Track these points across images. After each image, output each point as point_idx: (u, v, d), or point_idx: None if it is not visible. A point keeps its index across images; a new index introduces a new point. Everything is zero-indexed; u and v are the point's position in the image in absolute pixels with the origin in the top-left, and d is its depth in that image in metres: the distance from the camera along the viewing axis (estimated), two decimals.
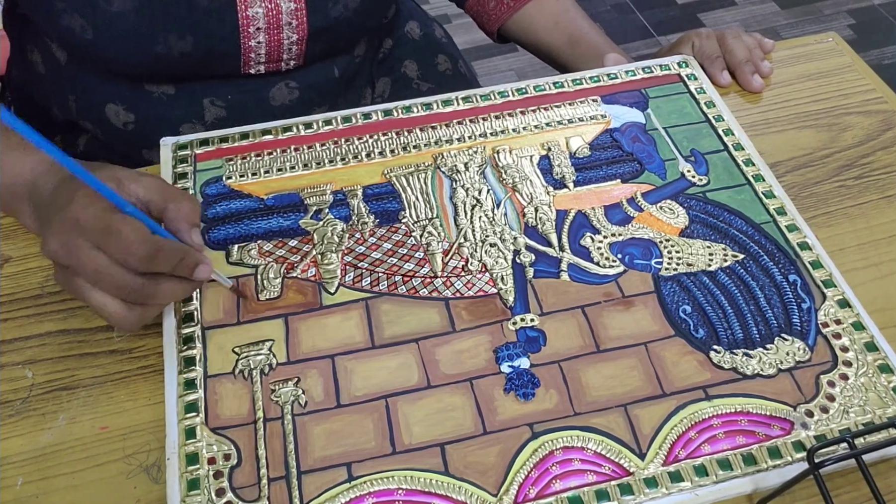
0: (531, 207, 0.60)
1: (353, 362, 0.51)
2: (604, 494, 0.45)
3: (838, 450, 0.45)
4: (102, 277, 0.46)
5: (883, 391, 0.49)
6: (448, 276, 0.55)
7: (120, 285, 0.46)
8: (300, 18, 0.67)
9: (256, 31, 0.66)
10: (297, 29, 0.68)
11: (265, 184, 0.61)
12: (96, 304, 0.47)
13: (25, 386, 0.51)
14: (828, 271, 0.55)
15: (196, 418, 0.48)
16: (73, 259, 0.46)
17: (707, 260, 0.56)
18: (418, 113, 0.66)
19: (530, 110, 0.67)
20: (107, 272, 0.46)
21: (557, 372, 0.50)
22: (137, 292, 0.46)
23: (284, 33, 0.67)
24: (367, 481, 0.46)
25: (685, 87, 0.69)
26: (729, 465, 0.46)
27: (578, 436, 0.48)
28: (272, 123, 0.65)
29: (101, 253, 0.45)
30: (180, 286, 0.49)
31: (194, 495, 0.45)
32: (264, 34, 0.67)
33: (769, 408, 0.49)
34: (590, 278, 0.55)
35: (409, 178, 0.62)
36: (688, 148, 0.64)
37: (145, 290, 0.47)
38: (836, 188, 0.63)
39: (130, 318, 0.48)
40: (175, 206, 0.49)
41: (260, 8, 0.65)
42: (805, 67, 0.73)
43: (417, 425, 0.48)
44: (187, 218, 0.49)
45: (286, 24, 0.67)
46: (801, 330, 0.52)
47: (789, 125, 0.68)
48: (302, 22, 0.67)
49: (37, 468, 0.48)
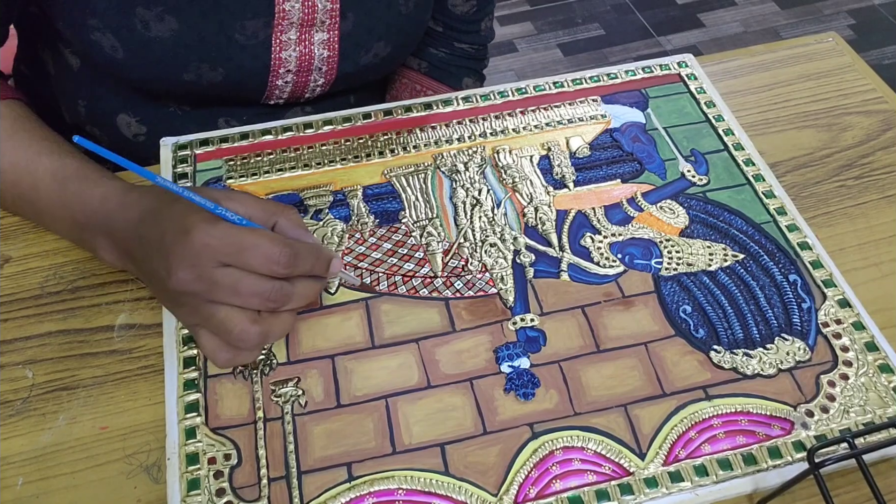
0: (531, 207, 0.60)
1: (353, 362, 0.51)
2: (604, 494, 0.45)
3: (838, 450, 0.45)
4: (243, 289, 0.45)
5: (883, 391, 0.49)
6: (448, 276, 0.55)
7: (259, 292, 0.46)
8: (331, 65, 0.68)
9: (286, 73, 0.67)
10: (326, 74, 0.68)
11: (265, 184, 0.61)
12: (222, 320, 0.46)
13: (26, 386, 0.51)
14: (828, 271, 0.55)
15: (196, 418, 0.48)
16: (206, 283, 0.45)
17: (707, 260, 0.56)
18: (418, 113, 0.66)
19: (530, 110, 0.67)
20: (246, 283, 0.45)
21: (557, 372, 0.50)
22: (279, 295, 0.46)
23: (312, 77, 0.68)
24: (367, 481, 0.46)
25: (685, 87, 0.69)
26: (729, 465, 0.46)
27: (578, 436, 0.48)
28: (272, 123, 0.65)
29: (233, 269, 0.45)
30: (314, 284, 0.49)
31: (194, 495, 0.45)
32: (293, 76, 0.67)
33: (769, 408, 0.49)
34: (590, 278, 0.55)
35: (409, 178, 0.62)
36: (688, 148, 0.64)
37: (286, 290, 0.47)
38: (836, 188, 0.63)
39: (253, 332, 0.46)
40: (285, 217, 0.49)
41: (294, 52, 0.65)
42: (805, 67, 0.73)
43: (418, 425, 0.48)
44: (301, 224, 0.50)
45: (316, 69, 0.68)
46: (801, 330, 0.52)
47: (789, 125, 0.68)
48: (332, 68, 0.68)
49: (37, 468, 0.48)
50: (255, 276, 0.46)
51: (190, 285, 0.45)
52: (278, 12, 0.63)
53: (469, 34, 0.82)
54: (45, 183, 0.54)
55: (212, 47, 0.62)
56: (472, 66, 0.84)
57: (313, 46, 0.66)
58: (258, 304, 0.46)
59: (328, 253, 0.49)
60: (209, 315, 0.46)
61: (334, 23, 0.66)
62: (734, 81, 0.71)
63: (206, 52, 0.63)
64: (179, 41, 0.62)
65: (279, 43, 0.64)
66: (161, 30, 0.61)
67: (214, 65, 0.63)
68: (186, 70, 0.63)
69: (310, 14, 0.64)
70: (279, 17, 0.63)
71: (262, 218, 0.48)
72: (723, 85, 0.70)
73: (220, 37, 0.62)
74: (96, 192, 0.53)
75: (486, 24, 0.83)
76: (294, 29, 0.64)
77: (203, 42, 0.62)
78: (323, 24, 0.65)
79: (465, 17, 0.80)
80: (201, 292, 0.46)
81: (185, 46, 0.62)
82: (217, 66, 0.64)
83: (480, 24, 0.82)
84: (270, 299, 0.46)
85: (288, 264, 0.46)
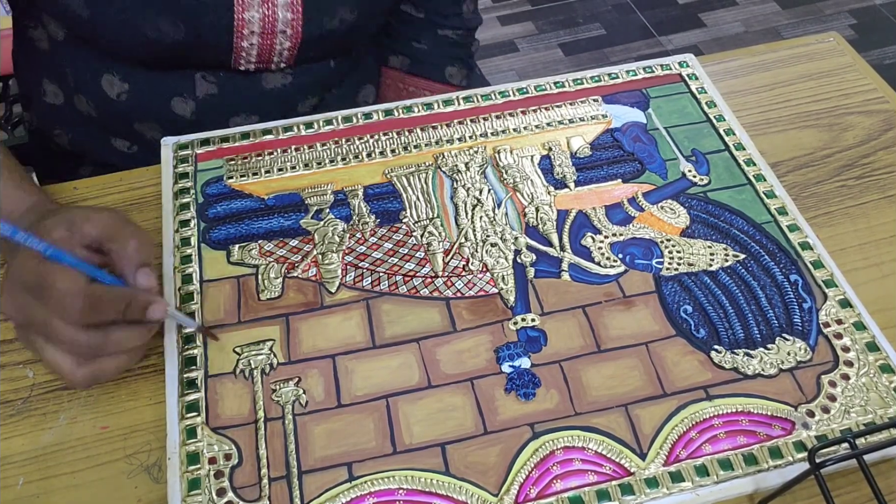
0: (532, 207, 0.60)
1: (353, 362, 0.51)
2: (605, 494, 0.45)
3: (839, 450, 0.45)
4: (50, 333, 0.44)
5: (884, 391, 0.49)
6: (449, 276, 0.55)
7: (67, 341, 0.44)
8: (295, 28, 0.67)
9: (250, 34, 0.66)
10: (291, 37, 0.68)
11: (266, 184, 0.61)
12: (49, 361, 0.45)
13: (26, 386, 0.51)
14: (829, 271, 0.55)
15: (197, 418, 0.48)
16: (21, 315, 0.45)
17: (708, 260, 0.56)
18: (419, 112, 0.66)
19: (531, 110, 0.67)
20: (53, 328, 0.43)
21: (558, 372, 0.50)
22: (85, 346, 0.44)
23: (277, 39, 0.67)
24: (367, 481, 0.46)
25: (686, 87, 0.69)
26: (730, 465, 0.46)
27: (579, 436, 0.48)
28: (272, 123, 0.65)
29: (44, 308, 0.43)
30: (133, 332, 0.46)
31: (195, 495, 0.45)
32: (258, 38, 0.67)
33: (770, 408, 0.49)
34: (591, 278, 0.55)
35: (409, 177, 0.62)
36: (689, 148, 0.64)
37: (92, 342, 0.44)
38: (837, 188, 0.63)
39: (79, 375, 0.45)
40: (118, 247, 0.46)
41: (257, 13, 0.65)
42: (806, 67, 0.73)
43: (418, 425, 0.48)
44: (131, 259, 0.47)
45: (280, 32, 0.67)
46: (802, 330, 0.52)
47: (790, 125, 0.68)
48: (296, 31, 0.68)
49: (38, 468, 0.48)
50: (62, 322, 0.43)
51: (11, 314, 0.45)
52: None
53: (451, 17, 0.81)
54: None
55: (173, 3, 0.63)
56: (456, 53, 0.83)
57: (276, 8, 0.65)
58: (69, 350, 0.44)
59: (144, 298, 0.45)
60: (42, 354, 0.46)
61: None
62: (735, 81, 0.71)
63: (166, 7, 0.63)
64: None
65: (241, 3, 0.64)
66: None
67: (175, 21, 0.64)
68: (149, 26, 0.63)
69: None
70: None
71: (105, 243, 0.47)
72: (724, 85, 0.70)
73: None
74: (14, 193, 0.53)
75: (469, 7, 0.82)
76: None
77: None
78: None
79: (446, 0, 0.80)
80: (22, 324, 0.45)
81: (147, 2, 0.62)
82: (177, 21, 0.64)
83: (462, 7, 0.81)
84: (77, 351, 0.44)
85: (82, 311, 0.43)
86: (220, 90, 0.70)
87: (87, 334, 0.44)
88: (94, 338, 0.44)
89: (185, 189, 0.60)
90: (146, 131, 0.71)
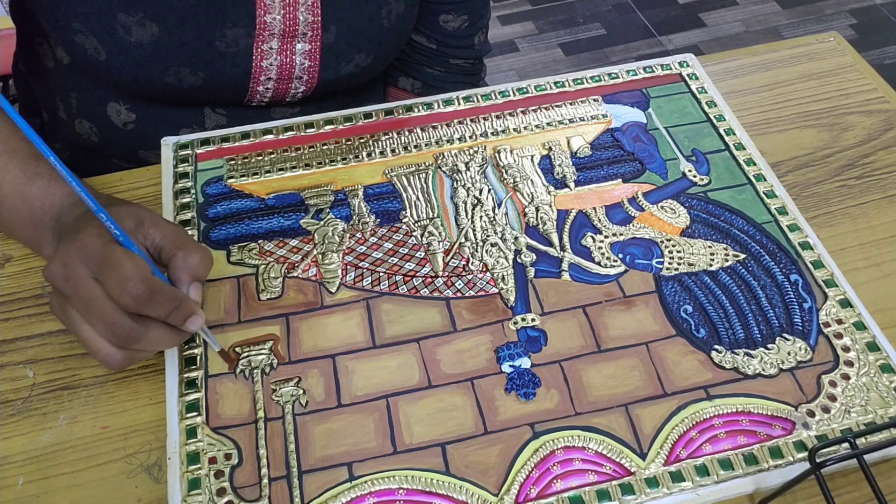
0: (532, 207, 0.60)
1: (353, 362, 0.51)
2: (605, 494, 0.45)
3: (840, 450, 0.45)
4: (94, 310, 0.45)
5: (884, 391, 0.49)
6: (449, 276, 0.55)
7: (109, 322, 0.45)
8: (311, 74, 0.68)
9: (267, 80, 0.67)
10: (307, 82, 0.69)
11: (266, 183, 0.61)
12: (85, 339, 0.46)
13: (27, 385, 0.51)
14: (829, 271, 0.55)
15: (197, 418, 0.48)
16: (69, 286, 0.45)
17: (708, 259, 0.56)
18: (419, 112, 0.66)
19: (531, 110, 0.67)
20: (99, 306, 0.44)
21: (558, 371, 0.50)
22: (125, 333, 0.45)
23: (293, 84, 0.68)
24: (367, 481, 0.46)
25: (686, 87, 0.69)
26: (730, 465, 0.46)
27: (579, 435, 0.48)
28: (273, 123, 0.65)
29: (98, 285, 0.45)
30: (169, 335, 0.48)
31: (195, 495, 0.45)
32: (274, 83, 0.68)
33: (770, 408, 0.49)
34: (591, 278, 0.55)
35: (409, 177, 0.62)
36: (689, 147, 0.64)
37: (133, 332, 0.45)
38: (837, 188, 0.63)
39: (117, 358, 0.46)
40: (183, 255, 0.48)
41: (275, 61, 0.66)
42: (806, 67, 0.73)
43: (418, 425, 0.48)
44: (191, 270, 0.48)
45: (297, 78, 0.68)
46: (802, 330, 0.52)
47: (791, 125, 0.68)
48: (313, 77, 0.68)
49: (38, 468, 0.48)
50: (111, 303, 0.44)
51: (56, 281, 0.46)
52: (259, 24, 0.63)
53: (463, 49, 0.81)
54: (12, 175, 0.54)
55: (192, 53, 0.63)
56: (467, 80, 0.84)
57: (294, 56, 0.66)
58: (104, 332, 0.45)
59: (190, 307, 0.47)
60: (76, 328, 0.46)
61: (316, 35, 0.66)
62: (735, 81, 0.71)
63: (187, 57, 0.63)
64: (160, 46, 0.62)
65: (260, 52, 0.65)
66: (142, 35, 0.61)
67: (195, 69, 0.64)
68: (167, 73, 0.64)
69: (291, 26, 0.65)
70: (260, 28, 0.64)
71: (168, 249, 0.48)
72: (724, 84, 0.70)
73: (199, 42, 0.63)
74: (60, 192, 0.53)
75: (480, 38, 0.82)
76: (275, 39, 0.65)
77: (184, 47, 0.63)
78: (305, 35, 0.66)
79: (458, 32, 0.80)
80: (65, 294, 0.46)
81: (166, 51, 0.62)
82: (197, 70, 0.64)
83: (473, 39, 0.81)
84: (116, 334, 0.45)
85: (138, 298, 0.44)
86: (228, 122, 0.71)
87: (132, 323, 0.45)
88: (136, 329, 0.45)
89: (186, 189, 0.60)
90: (151, 158, 0.71)
